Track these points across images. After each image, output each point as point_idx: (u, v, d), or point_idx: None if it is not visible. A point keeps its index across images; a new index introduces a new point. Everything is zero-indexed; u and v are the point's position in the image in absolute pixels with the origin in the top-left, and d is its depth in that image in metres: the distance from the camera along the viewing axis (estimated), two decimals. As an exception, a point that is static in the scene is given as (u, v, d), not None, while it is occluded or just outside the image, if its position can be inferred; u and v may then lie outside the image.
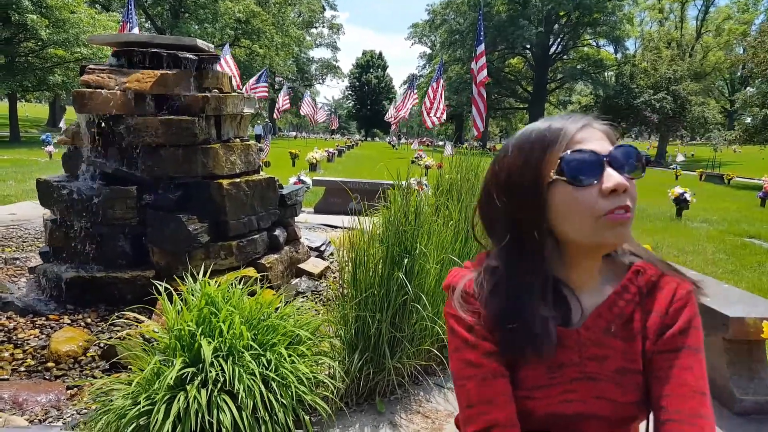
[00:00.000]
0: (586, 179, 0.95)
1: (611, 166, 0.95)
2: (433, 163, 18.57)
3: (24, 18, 21.97)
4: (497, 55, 53.22)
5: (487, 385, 1.03)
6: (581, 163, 0.95)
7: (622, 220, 0.94)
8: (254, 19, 44.85)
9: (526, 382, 1.04)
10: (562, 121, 1.02)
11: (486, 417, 1.01)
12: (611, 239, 0.97)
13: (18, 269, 4.64)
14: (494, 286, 1.05)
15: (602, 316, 1.04)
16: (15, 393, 2.72)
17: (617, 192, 0.94)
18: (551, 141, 0.99)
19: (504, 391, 1.03)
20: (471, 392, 1.04)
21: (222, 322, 2.43)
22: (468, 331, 1.05)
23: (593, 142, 0.98)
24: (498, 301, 1.03)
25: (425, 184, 8.71)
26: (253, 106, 4.74)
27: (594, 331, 1.04)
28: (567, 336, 1.03)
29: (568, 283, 1.06)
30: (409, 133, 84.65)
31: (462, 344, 1.06)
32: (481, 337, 1.04)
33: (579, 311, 1.05)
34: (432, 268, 3.06)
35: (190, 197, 4.06)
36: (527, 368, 1.04)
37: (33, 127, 40.41)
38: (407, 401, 2.93)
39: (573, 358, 1.03)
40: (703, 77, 50.81)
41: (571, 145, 0.98)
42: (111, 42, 4.58)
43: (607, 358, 1.03)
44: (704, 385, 0.98)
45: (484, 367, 1.03)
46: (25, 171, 13.37)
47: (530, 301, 1.01)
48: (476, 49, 11.40)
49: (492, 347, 1.04)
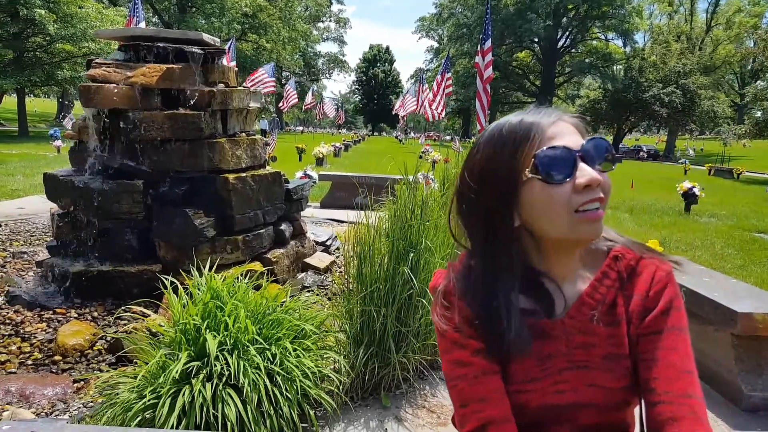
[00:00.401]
0: (559, 176, 0.95)
1: (584, 160, 0.95)
2: (440, 158, 18.52)
3: (32, 13, 22.05)
4: (505, 49, 53.00)
5: (479, 383, 1.03)
6: (554, 159, 0.95)
7: (595, 218, 0.96)
8: (261, 13, 44.82)
9: (517, 376, 1.04)
10: (534, 116, 1.01)
11: (480, 415, 1.01)
12: (586, 235, 0.98)
13: (26, 263, 4.67)
14: (470, 284, 1.05)
15: (585, 304, 1.04)
16: (22, 386, 2.73)
17: (590, 187, 0.94)
18: (523, 137, 0.99)
19: (496, 388, 1.03)
20: (464, 391, 1.04)
21: (227, 316, 2.43)
22: (455, 331, 1.05)
23: (566, 137, 0.98)
24: (473, 298, 1.04)
25: (432, 178, 8.69)
26: (260, 101, 4.73)
27: (578, 319, 1.04)
28: (552, 327, 1.04)
29: (549, 275, 1.06)
30: (416, 128, 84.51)
31: (451, 345, 1.06)
32: (468, 335, 1.04)
33: (562, 302, 1.05)
34: (438, 262, 3.05)
35: (196, 192, 4.07)
36: (516, 362, 1.04)
37: (41, 121, 40.62)
38: (412, 396, 2.93)
39: (560, 348, 1.04)
40: (713, 71, 50.39)
41: (545, 141, 0.97)
42: (117, 36, 4.59)
43: (594, 345, 1.03)
44: (691, 364, 0.98)
45: (475, 366, 1.03)
46: (33, 165, 13.43)
47: (506, 297, 1.01)
48: (483, 44, 11.33)
49: (480, 345, 1.03)
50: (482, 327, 1.03)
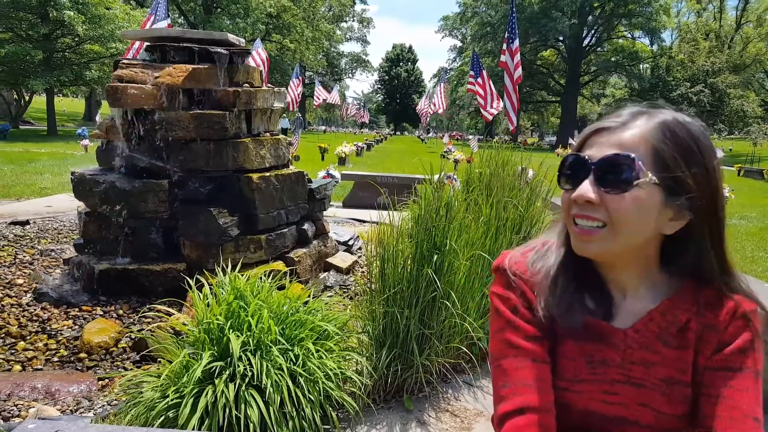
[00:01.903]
0: (565, 185, 0.96)
1: (595, 175, 0.92)
2: (462, 157, 18.44)
3: (62, 14, 22.44)
4: (529, 48, 52.52)
5: (526, 367, 1.00)
6: (565, 167, 0.96)
7: (581, 234, 0.94)
8: (285, 13, 45.07)
9: (566, 372, 1.02)
10: (613, 115, 0.97)
11: (521, 398, 0.98)
12: (576, 248, 0.97)
13: (53, 260, 4.74)
14: (542, 262, 1.06)
15: (654, 321, 1.00)
16: (48, 383, 2.76)
17: (579, 203, 0.92)
18: (580, 137, 0.99)
19: (542, 377, 1.00)
20: (508, 372, 1.02)
21: (250, 316, 2.43)
22: (512, 312, 1.04)
23: (605, 147, 0.93)
24: (539, 271, 1.05)
25: (455, 178, 8.65)
26: (284, 101, 4.74)
27: (644, 334, 1.00)
28: (612, 334, 1.01)
29: (610, 280, 1.03)
30: (438, 127, 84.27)
31: (505, 324, 1.05)
32: (525, 319, 1.03)
33: (627, 312, 1.02)
34: (462, 264, 3.01)
35: (220, 191, 4.09)
36: (567, 358, 1.02)
37: (69, 121, 41.36)
38: (435, 399, 2.90)
39: (615, 358, 1.00)
40: (743, 69, 49.42)
41: (585, 145, 0.97)
42: (143, 37, 4.63)
43: (654, 364, 0.99)
44: (759, 410, 0.92)
45: (525, 350, 1.01)
46: (61, 164, 13.67)
47: (569, 278, 1.02)
48: (511, 45, 11.21)
49: (535, 331, 1.02)
50: (541, 303, 1.02)
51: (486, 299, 3.25)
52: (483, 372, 3.21)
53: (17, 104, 32.09)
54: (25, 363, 3.06)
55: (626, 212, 0.89)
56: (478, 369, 3.19)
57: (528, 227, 3.72)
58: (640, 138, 0.91)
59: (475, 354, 3.11)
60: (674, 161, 0.89)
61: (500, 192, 3.71)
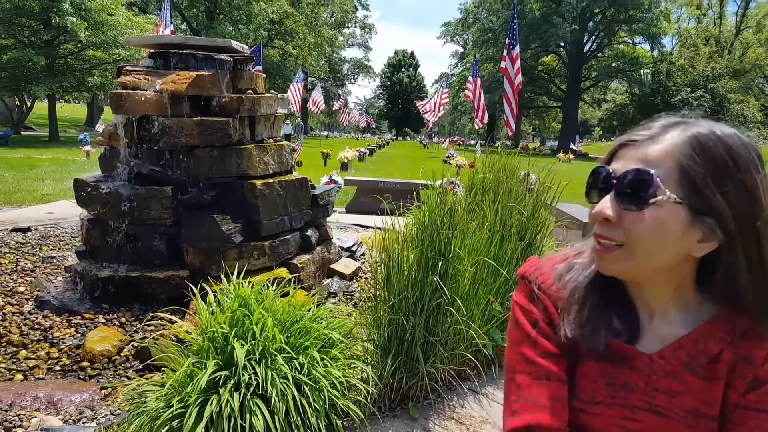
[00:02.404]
0: (590, 198, 0.93)
1: (616, 191, 0.87)
2: (465, 163, 18.43)
3: (64, 21, 22.52)
4: (530, 54, 52.54)
5: (539, 385, 0.97)
6: (592, 179, 0.92)
7: (600, 252, 0.90)
8: (287, 20, 45.21)
9: (583, 393, 0.98)
10: (644, 127, 0.92)
11: (531, 416, 0.95)
12: (599, 267, 0.93)
13: (55, 267, 4.72)
14: (569, 275, 1.01)
15: (683, 348, 0.94)
16: (50, 392, 2.74)
17: (598, 221, 0.89)
18: (611, 149, 0.95)
19: (557, 396, 0.97)
20: (522, 388, 0.99)
21: (255, 324, 2.41)
22: (532, 326, 1.01)
23: (629, 161, 0.88)
24: (565, 286, 1.00)
25: (458, 184, 8.63)
26: (287, 107, 4.73)
27: (671, 362, 0.94)
28: (636, 358, 0.95)
29: (636, 302, 0.98)
30: (440, 132, 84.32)
31: (523, 338, 1.01)
32: (544, 335, 0.99)
33: (654, 336, 0.96)
34: (467, 271, 2.99)
35: (224, 197, 4.08)
36: (586, 379, 0.98)
37: (71, 127, 41.43)
38: (441, 407, 2.88)
39: (638, 383, 0.95)
40: (743, 74, 49.46)
41: (613, 157, 0.93)
42: (147, 44, 4.63)
43: (679, 394, 0.93)
44: None
45: (542, 367, 0.98)
46: (62, 170, 13.69)
47: (595, 297, 0.96)
48: (511, 51, 11.21)
49: (553, 348, 0.98)
50: (565, 321, 0.98)
51: (490, 306, 3.23)
52: (488, 379, 3.19)
53: (19, 110, 32.12)
54: (27, 372, 3.04)
55: (642, 232, 0.85)
56: (483, 376, 3.17)
57: (533, 233, 3.69)
58: (666, 153, 0.85)
59: (480, 361, 3.09)
60: (702, 179, 0.83)
61: (505, 198, 3.69)
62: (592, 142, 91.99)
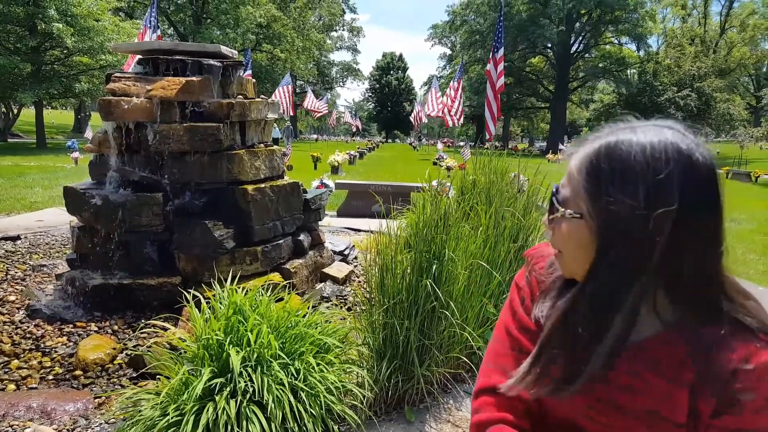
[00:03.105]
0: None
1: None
2: (455, 164, 18.47)
3: (50, 27, 22.35)
4: (518, 55, 52.82)
5: (510, 355, 1.06)
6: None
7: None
8: (275, 23, 45.16)
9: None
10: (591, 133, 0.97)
11: (494, 380, 1.04)
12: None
13: (45, 276, 4.68)
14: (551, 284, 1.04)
15: (648, 350, 0.92)
16: (43, 402, 2.72)
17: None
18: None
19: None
20: (497, 354, 1.09)
21: (250, 330, 2.40)
22: (520, 301, 1.10)
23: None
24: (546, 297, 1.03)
25: (449, 185, 8.64)
26: (277, 111, 4.73)
27: (634, 362, 0.92)
28: None
29: None
30: (430, 134, 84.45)
31: (509, 308, 1.11)
32: (526, 311, 1.08)
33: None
34: (460, 274, 3.00)
35: (215, 203, 4.07)
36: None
37: (59, 133, 41.12)
38: (437, 410, 2.88)
39: (601, 375, 0.93)
40: (728, 73, 49.94)
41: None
42: (135, 50, 4.61)
43: (639, 392, 0.91)
44: None
45: (516, 340, 1.06)
46: (51, 177, 13.56)
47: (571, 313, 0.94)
48: (495, 53, 11.28)
49: (532, 326, 1.05)
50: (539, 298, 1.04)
51: (484, 308, 3.24)
52: (483, 382, 3.19)
53: (5, 117, 31.89)
54: (19, 382, 3.01)
55: (560, 242, 0.94)
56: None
57: (526, 235, 3.71)
58: (578, 165, 0.90)
59: (475, 363, 3.10)
60: (594, 193, 0.85)
61: (497, 201, 3.70)
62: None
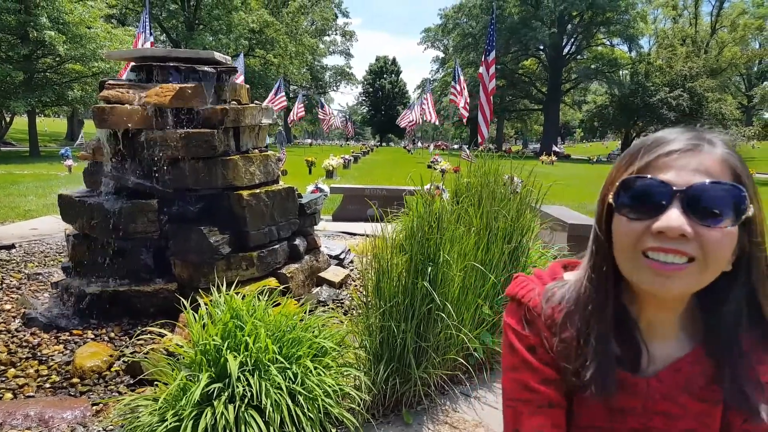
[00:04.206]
0: (633, 214, 0.82)
1: (682, 204, 0.79)
2: (449, 167, 18.51)
3: (42, 35, 22.27)
4: (510, 57, 53.08)
5: (541, 413, 0.94)
6: (636, 192, 0.82)
7: (660, 270, 0.80)
8: (268, 29, 45.19)
9: (582, 419, 0.96)
10: (673, 134, 0.85)
11: None
12: (648, 285, 0.83)
13: (41, 284, 4.67)
14: (571, 308, 0.94)
15: (681, 372, 0.91)
16: (41, 410, 2.72)
17: (666, 235, 0.79)
18: (631, 155, 0.86)
19: (558, 423, 0.95)
20: (521, 417, 0.96)
21: (247, 335, 2.41)
22: (530, 352, 0.96)
23: (683, 171, 0.80)
24: (563, 326, 0.93)
25: (443, 189, 8.67)
26: (271, 117, 4.74)
27: (668, 384, 0.91)
28: (634, 383, 0.92)
29: (639, 325, 0.93)
30: (424, 137, 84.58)
31: (521, 364, 0.97)
32: (543, 361, 0.95)
33: (652, 359, 0.93)
34: (456, 276, 3.02)
35: (210, 209, 4.07)
36: (583, 405, 0.95)
37: (52, 141, 40.99)
38: (434, 412, 2.90)
39: (636, 406, 0.92)
40: (719, 73, 50.24)
41: (648, 167, 0.83)
42: (129, 57, 4.61)
43: (677, 417, 0.91)
44: None
45: (542, 394, 0.95)
46: (45, 185, 13.53)
47: (601, 336, 0.89)
48: (487, 56, 11.34)
49: (553, 374, 0.95)
50: (564, 358, 0.92)
51: (480, 310, 3.25)
52: (480, 382, 3.21)
53: (-2, 126, 31.77)
54: (16, 390, 3.00)
55: (723, 247, 0.79)
56: (475, 379, 3.19)
57: (519, 236, 3.73)
58: (724, 163, 0.81)
59: (472, 365, 3.11)
60: (752, 189, 0.81)
61: (489, 203, 3.72)
62: (574, 143, 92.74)
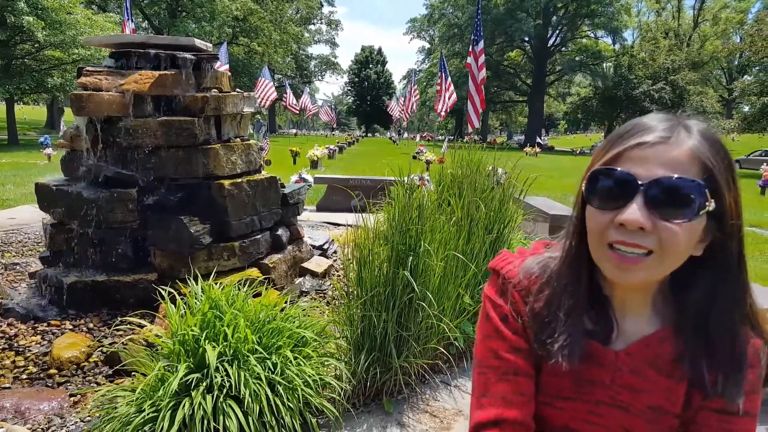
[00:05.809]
0: (598, 203, 0.85)
1: (644, 198, 0.80)
2: (434, 158, 18.54)
3: (20, 20, 21.81)
4: (496, 49, 53.08)
5: (507, 380, 0.97)
6: (604, 184, 0.84)
7: (620, 262, 0.83)
8: (252, 16, 44.72)
9: (549, 388, 0.99)
10: (654, 122, 0.85)
11: (497, 410, 0.96)
12: (611, 275, 0.87)
13: (18, 274, 4.61)
14: (539, 281, 0.98)
15: (650, 347, 0.93)
16: (17, 401, 2.68)
17: (626, 228, 0.81)
18: (606, 144, 0.88)
19: (523, 391, 0.97)
20: (489, 383, 0.99)
21: (226, 326, 2.40)
22: (502, 321, 1.00)
23: (651, 164, 0.81)
24: (536, 297, 0.97)
25: (427, 179, 8.69)
26: (253, 105, 4.69)
27: (636, 359, 0.93)
28: (603, 355, 0.95)
29: (613, 302, 0.96)
30: (409, 128, 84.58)
31: (493, 332, 1.01)
32: (513, 330, 0.99)
33: (623, 333, 0.95)
34: (437, 265, 3.02)
35: (191, 198, 4.03)
36: (552, 374, 0.97)
37: (31, 129, 40.34)
38: (414, 400, 2.91)
39: (604, 379, 0.95)
40: (701, 66, 50.81)
41: (618, 159, 0.84)
42: (108, 43, 4.53)
43: (642, 391, 0.94)
44: None
45: (510, 362, 0.98)
46: (23, 174, 13.33)
47: (570, 308, 0.93)
48: (475, 46, 11.34)
49: (522, 344, 0.98)
50: (534, 327, 0.96)
51: (461, 300, 3.27)
52: (460, 371, 3.23)
53: (-24, 114, 31.21)
54: (-8, 381, 2.96)
55: (680, 241, 0.80)
56: (455, 368, 3.21)
57: (501, 227, 3.75)
58: (692, 155, 0.81)
59: (452, 354, 3.13)
60: (726, 182, 0.82)
61: (470, 193, 3.73)
62: (558, 135, 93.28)
